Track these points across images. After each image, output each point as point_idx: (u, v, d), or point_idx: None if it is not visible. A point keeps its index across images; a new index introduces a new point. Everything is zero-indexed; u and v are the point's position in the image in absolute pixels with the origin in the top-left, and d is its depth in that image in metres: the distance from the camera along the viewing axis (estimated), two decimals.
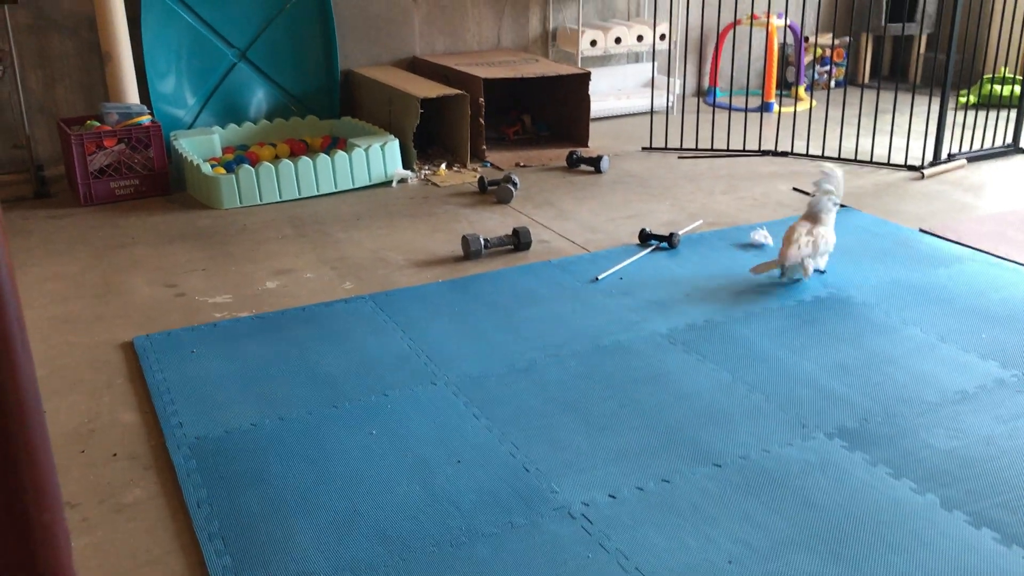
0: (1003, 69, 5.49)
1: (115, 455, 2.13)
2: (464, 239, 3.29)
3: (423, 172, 4.34)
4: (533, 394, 2.35)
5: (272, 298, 2.97)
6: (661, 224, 3.63)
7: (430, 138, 4.66)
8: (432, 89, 4.38)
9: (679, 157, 4.61)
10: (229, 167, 4.02)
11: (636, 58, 5.70)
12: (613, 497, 1.94)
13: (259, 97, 4.70)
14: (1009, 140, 4.63)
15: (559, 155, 4.59)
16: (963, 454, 2.05)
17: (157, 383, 2.43)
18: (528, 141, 4.95)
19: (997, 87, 5.41)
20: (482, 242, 3.28)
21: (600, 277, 3.08)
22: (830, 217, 3.07)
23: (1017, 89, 5.33)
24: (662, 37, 5.38)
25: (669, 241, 3.34)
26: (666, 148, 4.73)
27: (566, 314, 2.82)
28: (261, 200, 3.91)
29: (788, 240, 2.97)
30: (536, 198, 3.99)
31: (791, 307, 2.83)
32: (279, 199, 3.94)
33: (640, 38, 5.36)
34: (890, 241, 3.37)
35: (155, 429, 2.23)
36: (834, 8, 6.08)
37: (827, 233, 3.02)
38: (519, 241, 3.34)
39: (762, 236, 3.35)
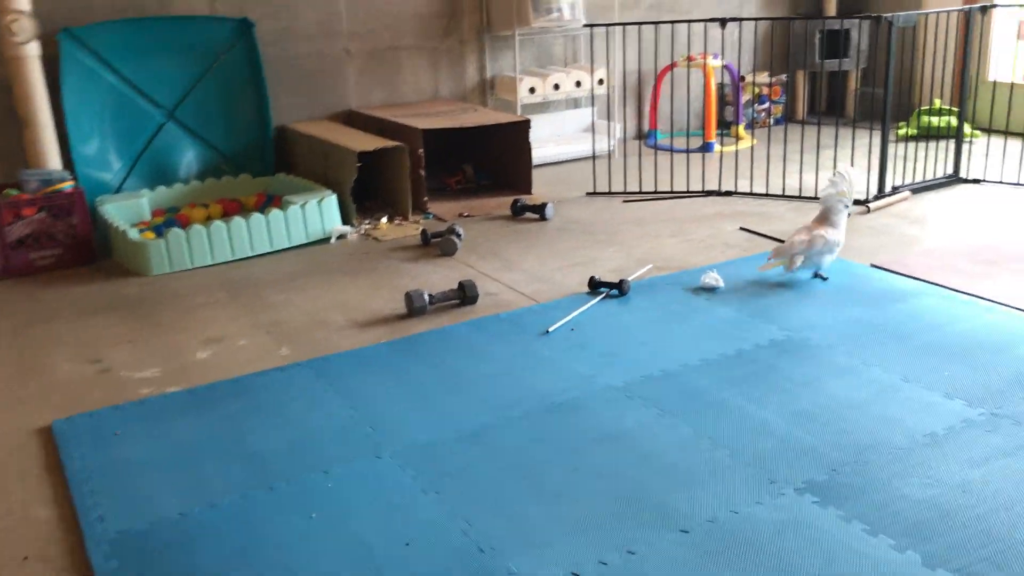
0: (936, 101, 5.55)
1: (26, 558, 1.93)
2: (407, 295, 3.15)
3: (363, 227, 4.20)
4: (485, 462, 2.21)
5: (203, 370, 2.79)
6: (610, 270, 3.53)
7: (370, 192, 4.53)
8: (369, 142, 4.27)
9: (624, 201, 4.54)
10: (159, 231, 3.85)
11: (575, 104, 5.65)
12: (576, 575, 1.79)
13: (189, 157, 4.53)
14: (950, 170, 4.65)
15: (503, 204, 4.49)
16: (940, 504, 1.95)
17: (76, 471, 2.23)
18: (471, 191, 4.85)
19: (932, 119, 5.47)
20: (426, 298, 3.14)
21: (551, 329, 2.96)
22: (839, 218, 3.30)
23: (951, 120, 5.39)
24: (600, 82, 5.34)
25: (619, 288, 3.24)
26: (610, 192, 4.66)
27: (517, 371, 2.69)
28: (192, 264, 3.73)
29: (791, 237, 3.27)
30: (481, 249, 3.87)
31: (748, 353, 2.73)
32: (212, 262, 3.77)
33: (578, 84, 5.32)
34: (843, 278, 3.31)
35: (73, 525, 2.04)
36: (770, 47, 6.12)
37: (829, 233, 3.24)
38: (465, 295, 3.21)
39: (713, 279, 3.26)
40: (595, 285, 3.29)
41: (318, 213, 4.01)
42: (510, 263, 3.67)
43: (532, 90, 5.19)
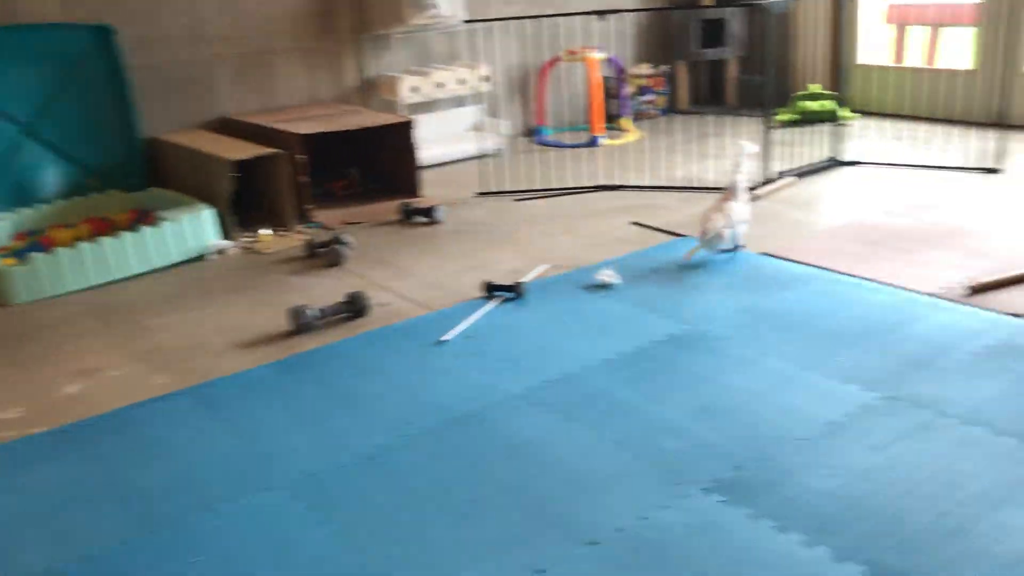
0: (812, 86, 5.68)
1: None
2: (292, 311, 2.99)
3: (244, 240, 4.01)
4: (383, 486, 2.09)
5: (73, 406, 2.59)
6: (505, 272, 3.45)
7: (250, 202, 4.34)
8: (245, 150, 4.07)
9: (515, 200, 4.47)
10: (20, 256, 3.57)
11: (461, 102, 5.55)
12: None
13: (52, 174, 4.24)
14: (829, 154, 4.75)
15: (392, 208, 4.36)
16: (845, 494, 1.94)
17: None
18: (358, 196, 4.70)
19: (810, 103, 5.59)
20: (313, 313, 3.00)
21: (446, 338, 2.86)
22: (739, 191, 3.49)
23: (827, 104, 5.53)
24: (485, 79, 5.26)
25: (515, 291, 3.16)
26: (501, 191, 4.59)
27: (413, 384, 2.58)
28: (59, 291, 3.48)
29: (705, 218, 3.40)
30: (371, 257, 3.74)
31: (647, 349, 2.69)
32: (80, 287, 3.52)
33: (463, 81, 5.22)
34: (736, 267, 3.31)
35: None
36: (650, 38, 6.16)
37: (738, 207, 3.43)
38: (355, 307, 3.08)
39: (608, 276, 3.22)
40: (490, 289, 3.20)
41: (194, 228, 3.80)
42: (402, 270, 3.55)
43: (414, 89, 5.07)
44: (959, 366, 2.45)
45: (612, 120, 5.96)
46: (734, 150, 3.66)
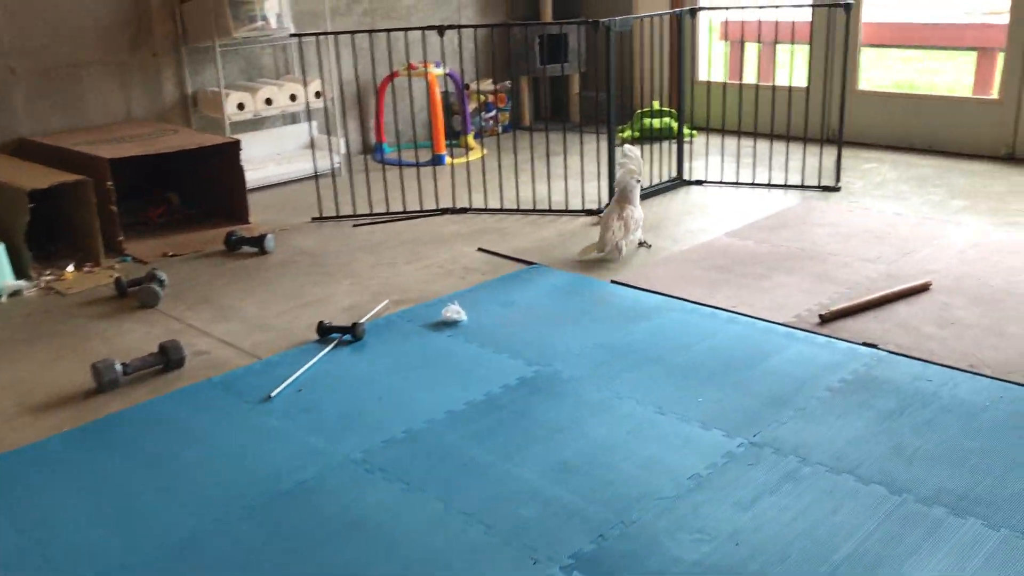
0: (655, 102, 5.66)
1: None
2: (94, 367, 2.61)
3: (43, 279, 3.55)
4: None
5: None
6: (342, 310, 3.17)
7: (51, 235, 3.86)
8: (44, 177, 3.61)
9: (354, 225, 4.18)
10: None
11: (293, 119, 5.21)
12: None
13: None
14: (674, 173, 4.71)
15: (216, 237, 3.99)
16: (715, 564, 1.78)
17: None
18: (178, 224, 4.29)
19: (651, 120, 5.56)
20: (119, 368, 2.63)
21: (275, 393, 2.56)
22: (635, 195, 3.62)
23: (669, 121, 5.52)
24: (317, 95, 4.94)
25: (352, 332, 2.89)
26: (338, 216, 4.29)
27: (235, 451, 2.27)
28: None
29: (605, 226, 3.52)
30: (190, 295, 3.37)
31: (498, 397, 2.48)
32: None
33: (293, 97, 4.88)
34: (585, 299, 3.16)
35: None
36: (491, 53, 6.00)
37: (634, 211, 3.56)
38: (168, 359, 2.73)
39: (455, 312, 3.00)
40: (325, 331, 2.91)
41: None
42: (226, 311, 3.21)
43: (241, 106, 4.69)
44: (819, 404, 2.36)
45: (455, 137, 5.76)
46: (620, 157, 3.74)
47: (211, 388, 2.61)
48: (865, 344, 2.69)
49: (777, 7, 4.34)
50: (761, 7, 4.38)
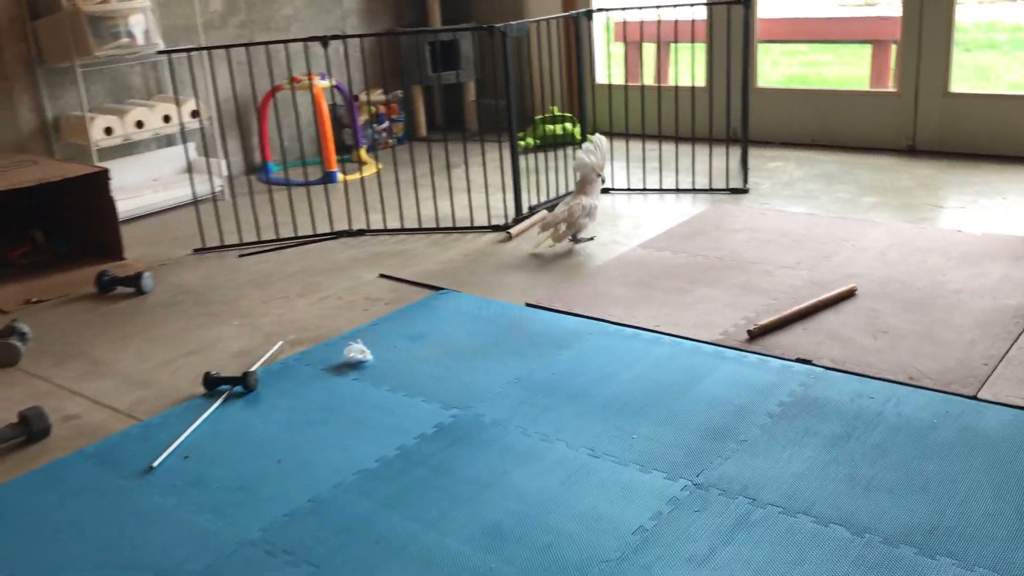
0: (553, 108, 5.49)
1: None
2: None
3: None
4: None
5: None
6: (232, 356, 2.86)
7: None
8: None
9: (240, 255, 3.85)
10: None
11: (169, 141, 4.82)
12: None
13: None
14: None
15: (87, 277, 3.60)
16: None
17: None
18: (44, 264, 3.87)
19: (551, 126, 5.38)
20: None
21: (157, 463, 2.24)
22: (593, 187, 3.66)
23: (568, 126, 5.34)
24: (194, 114, 4.58)
25: (244, 383, 2.58)
26: (223, 246, 3.95)
27: (111, 540, 1.95)
28: None
29: (553, 214, 3.59)
30: (57, 348, 3.00)
31: (413, 450, 2.22)
32: None
33: (167, 118, 4.51)
34: (499, 326, 2.93)
35: None
36: (380, 62, 5.72)
37: (585, 200, 3.59)
38: (31, 430, 2.37)
39: (359, 351, 2.72)
40: (212, 383, 2.60)
41: None
42: (99, 365, 2.86)
43: (108, 130, 4.30)
44: (761, 434, 2.19)
45: (348, 152, 5.46)
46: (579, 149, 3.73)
47: (83, 461, 2.28)
48: (799, 360, 2.54)
49: (674, 6, 4.21)
50: (657, 7, 4.23)
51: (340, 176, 4.94)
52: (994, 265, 3.13)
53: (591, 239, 3.70)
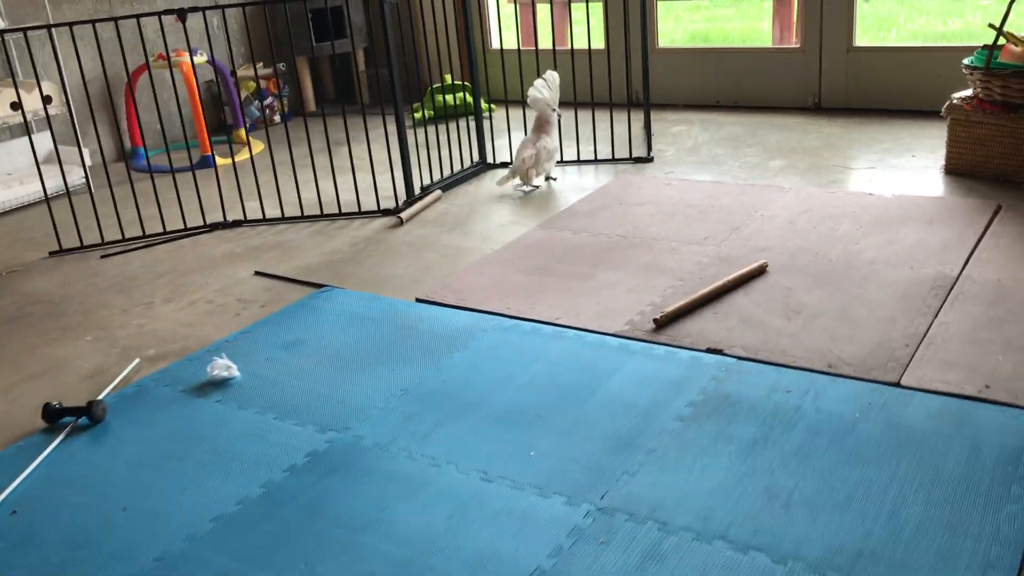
0: (447, 76, 5.18)
1: None
2: None
3: None
4: None
5: None
6: (83, 379, 2.52)
7: None
8: None
9: (102, 257, 3.48)
10: None
11: (24, 130, 4.37)
12: None
13: None
14: (476, 156, 4.25)
15: None
16: None
17: None
18: None
19: (447, 96, 5.08)
20: None
21: None
22: (550, 125, 3.77)
23: (464, 96, 5.05)
24: (48, 100, 4.13)
25: (89, 414, 2.26)
26: (82, 247, 3.56)
27: None
28: None
29: (518, 154, 3.72)
30: None
31: (282, 485, 1.94)
32: None
33: (15, 106, 4.06)
34: (387, 327, 2.65)
35: None
36: (258, 34, 5.32)
37: (547, 142, 3.71)
38: None
39: (224, 367, 2.42)
40: (53, 415, 2.27)
41: None
42: None
43: None
44: (671, 441, 1.97)
45: (228, 132, 5.07)
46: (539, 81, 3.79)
47: None
48: (709, 350, 2.34)
49: None
50: None
51: (217, 160, 4.56)
52: (907, 230, 2.98)
53: (555, 179, 3.88)
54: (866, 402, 2.05)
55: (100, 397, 2.34)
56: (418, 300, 2.83)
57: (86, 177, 3.67)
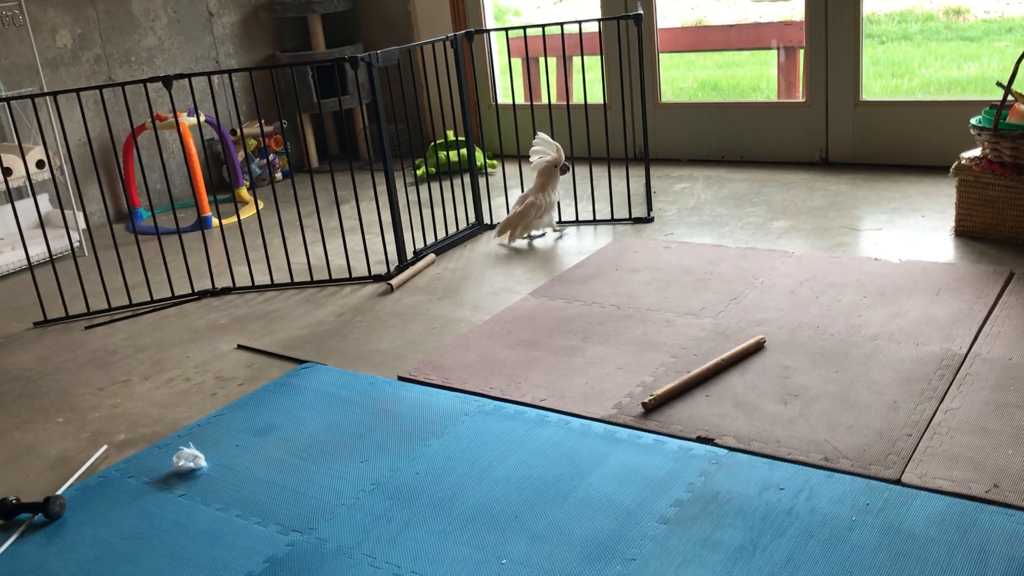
0: (449, 133, 5.12)
1: None
2: None
3: None
4: None
5: None
6: (48, 467, 2.42)
7: None
8: None
9: (87, 328, 3.40)
10: None
11: (20, 194, 4.33)
12: None
13: None
14: (472, 217, 4.16)
15: None
16: None
17: None
18: None
19: (449, 153, 5.01)
20: None
21: None
22: (554, 182, 3.80)
23: (465, 152, 4.97)
24: (40, 164, 4.10)
25: (46, 511, 2.15)
26: (67, 316, 3.49)
27: None
28: None
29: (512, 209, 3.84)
30: None
31: None
32: None
33: (8, 171, 4.02)
34: (365, 410, 2.54)
35: None
36: (260, 92, 5.29)
37: (539, 199, 3.76)
38: None
39: (190, 457, 2.31)
40: (9, 512, 2.16)
41: None
42: None
43: None
44: (653, 549, 1.83)
45: (229, 191, 5.02)
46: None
47: None
48: (699, 439, 2.21)
49: (560, 24, 3.86)
50: (545, 24, 3.88)
51: (214, 220, 4.50)
52: (913, 301, 2.84)
53: (559, 232, 3.94)
54: (864, 502, 1.90)
55: (61, 490, 2.24)
56: (400, 378, 2.72)
57: (70, 243, 3.61)
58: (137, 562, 1.97)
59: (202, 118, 4.62)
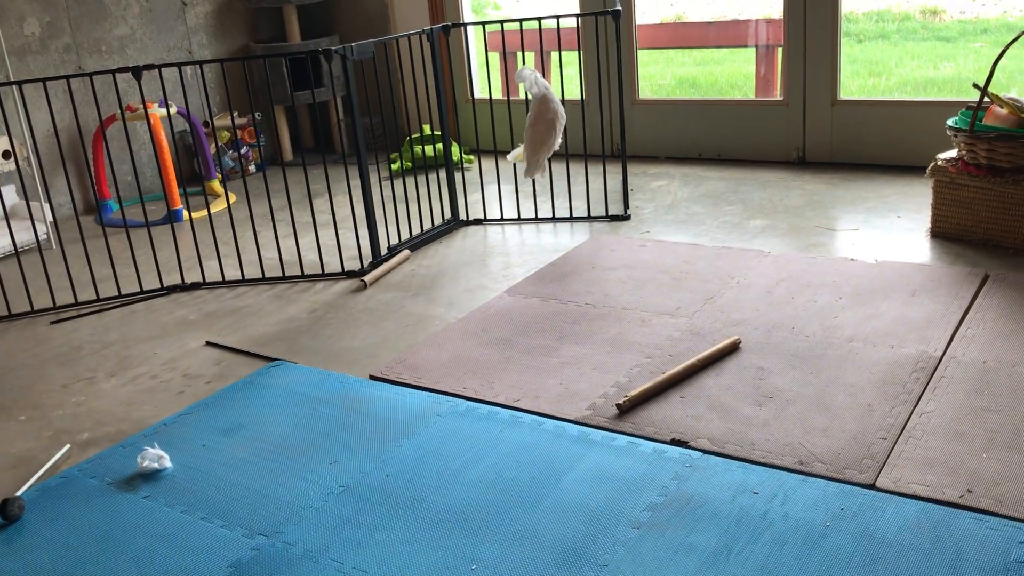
0: (426, 127, 5.07)
1: None
2: None
3: None
4: None
5: None
6: (8, 467, 2.36)
7: None
8: None
9: (52, 323, 3.33)
10: None
11: None
12: None
13: None
14: (448, 213, 4.11)
15: None
16: None
17: None
18: None
19: (425, 147, 4.96)
20: None
21: None
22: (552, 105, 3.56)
23: (441, 147, 4.93)
24: (6, 155, 4.01)
25: (4, 514, 2.10)
26: (33, 311, 3.42)
27: None
28: None
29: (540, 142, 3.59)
30: None
31: None
32: None
33: None
34: (335, 409, 2.50)
35: None
36: (232, 84, 5.21)
37: (561, 109, 3.56)
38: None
39: (155, 457, 2.26)
40: None
41: None
42: None
43: None
44: (625, 554, 1.81)
45: (200, 183, 4.95)
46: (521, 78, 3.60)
47: None
48: (674, 442, 2.18)
49: (539, 19, 3.82)
50: (523, 19, 3.84)
51: (185, 214, 4.43)
52: (889, 302, 2.83)
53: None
54: (838, 507, 1.89)
55: (21, 491, 2.18)
56: (372, 377, 2.67)
57: (36, 236, 3.53)
58: (98, 566, 1.92)
59: (173, 109, 4.55)
